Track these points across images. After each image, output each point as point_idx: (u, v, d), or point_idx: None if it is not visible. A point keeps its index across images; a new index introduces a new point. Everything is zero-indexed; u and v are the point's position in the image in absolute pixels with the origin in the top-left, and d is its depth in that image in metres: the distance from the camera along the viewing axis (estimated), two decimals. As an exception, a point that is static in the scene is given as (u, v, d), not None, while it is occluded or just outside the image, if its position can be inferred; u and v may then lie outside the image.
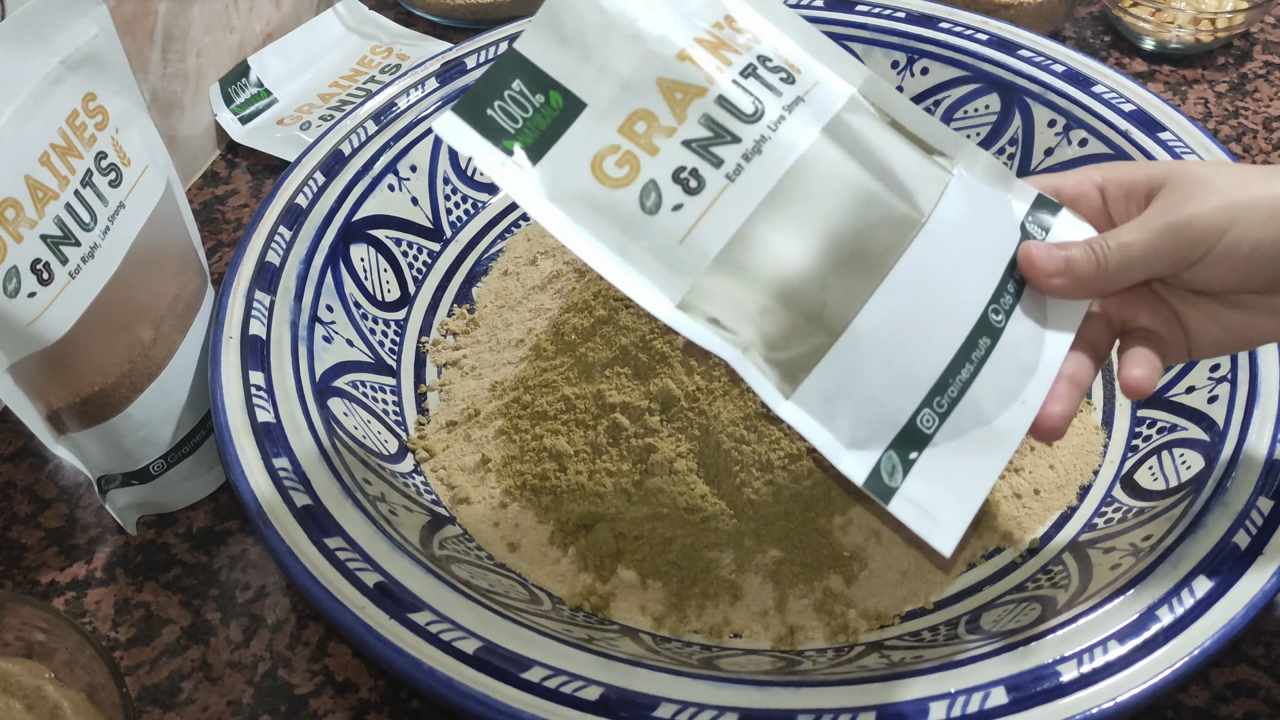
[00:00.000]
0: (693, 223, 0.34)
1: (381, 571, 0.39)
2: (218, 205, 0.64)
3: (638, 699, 0.35)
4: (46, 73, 0.39)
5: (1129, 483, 0.45)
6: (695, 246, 0.33)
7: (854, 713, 0.35)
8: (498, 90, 0.34)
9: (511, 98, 0.34)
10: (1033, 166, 0.58)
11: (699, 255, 0.33)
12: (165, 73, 0.62)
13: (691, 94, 0.35)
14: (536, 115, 0.34)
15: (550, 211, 0.34)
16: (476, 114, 0.34)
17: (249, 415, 0.43)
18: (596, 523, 0.44)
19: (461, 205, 0.59)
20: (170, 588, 0.46)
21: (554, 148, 0.34)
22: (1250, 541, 0.38)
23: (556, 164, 0.34)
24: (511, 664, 0.36)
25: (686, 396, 0.44)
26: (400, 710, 0.42)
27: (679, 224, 0.34)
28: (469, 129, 0.34)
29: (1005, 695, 0.35)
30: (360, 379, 0.49)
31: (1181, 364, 0.44)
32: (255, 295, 0.47)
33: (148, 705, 0.42)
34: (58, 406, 0.42)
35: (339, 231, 0.52)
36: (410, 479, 0.46)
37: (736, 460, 0.43)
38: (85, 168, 0.40)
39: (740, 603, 0.42)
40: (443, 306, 0.55)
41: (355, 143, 0.55)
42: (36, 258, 0.38)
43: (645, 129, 0.34)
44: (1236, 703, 0.41)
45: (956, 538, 0.33)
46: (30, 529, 0.48)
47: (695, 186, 0.34)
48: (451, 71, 0.59)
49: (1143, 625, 0.36)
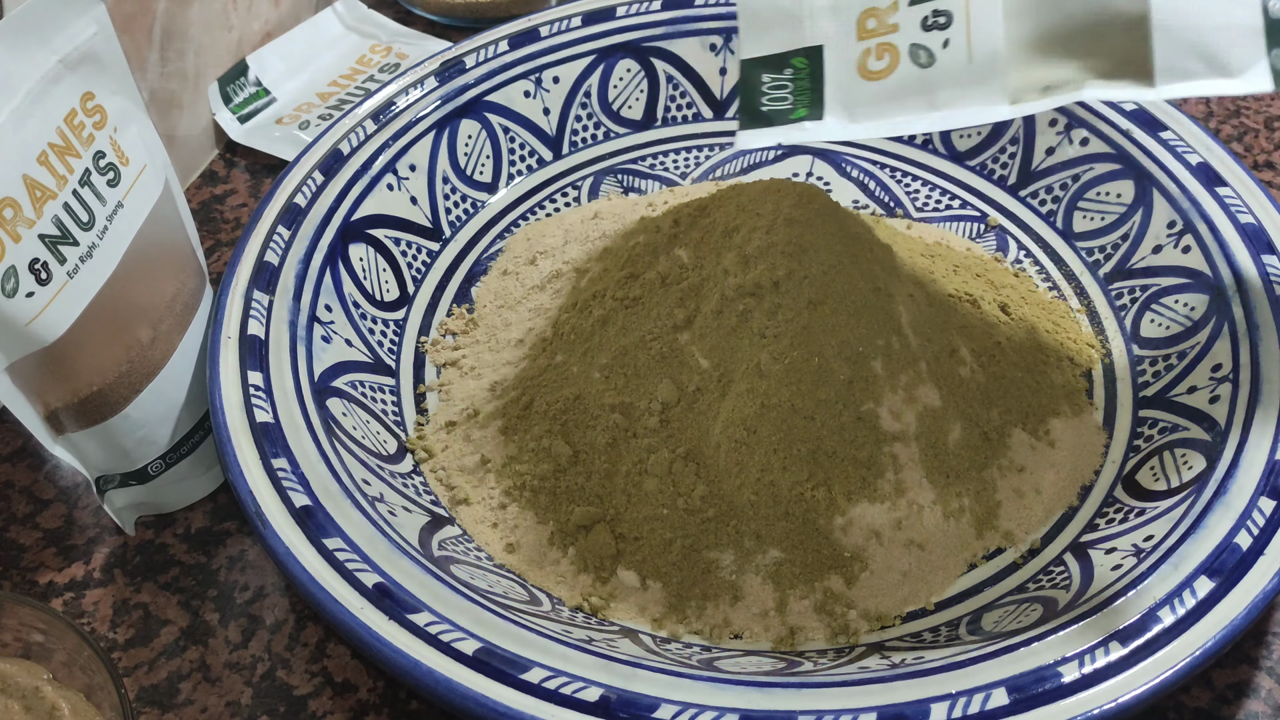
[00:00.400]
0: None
1: (380, 572, 0.39)
2: (216, 205, 0.63)
3: (638, 700, 0.35)
4: (44, 72, 0.39)
5: (1130, 483, 0.45)
6: (996, 63, 0.36)
7: (854, 714, 0.35)
8: (756, 92, 0.39)
9: (771, 88, 0.39)
10: (1034, 166, 0.58)
11: (993, 65, 0.36)
12: (164, 72, 0.62)
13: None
14: (797, 83, 0.38)
15: (867, 127, 0.38)
16: (759, 116, 0.39)
17: (247, 415, 0.43)
18: (596, 523, 0.44)
19: (461, 205, 0.58)
20: (169, 588, 0.46)
21: (826, 90, 0.38)
22: (1252, 542, 0.38)
23: (839, 96, 0.38)
24: (511, 665, 0.36)
25: (686, 396, 0.44)
26: (399, 711, 0.42)
27: (971, 60, 0.37)
28: (764, 130, 0.39)
29: (1006, 696, 0.35)
30: (359, 379, 0.49)
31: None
32: (254, 295, 0.47)
33: (146, 706, 0.42)
34: (56, 406, 0.42)
35: (338, 231, 0.52)
36: (409, 479, 0.46)
37: (737, 461, 0.43)
38: (83, 167, 0.40)
39: (740, 604, 0.42)
40: (442, 306, 0.55)
41: (354, 142, 0.55)
42: (34, 257, 0.38)
43: (875, 24, 0.38)
44: (1238, 704, 0.41)
45: None
46: (28, 529, 0.48)
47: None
48: (451, 70, 0.59)
49: (1144, 626, 0.36)
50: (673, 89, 0.63)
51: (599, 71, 0.62)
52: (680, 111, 0.63)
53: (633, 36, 0.62)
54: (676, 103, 0.63)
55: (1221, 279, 0.48)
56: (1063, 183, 0.57)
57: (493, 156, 0.60)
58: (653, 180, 0.61)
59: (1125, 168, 0.54)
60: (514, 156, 0.61)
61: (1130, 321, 0.51)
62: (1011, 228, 0.57)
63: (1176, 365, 0.48)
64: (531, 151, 0.61)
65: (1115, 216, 0.54)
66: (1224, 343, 0.46)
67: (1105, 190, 0.55)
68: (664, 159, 0.62)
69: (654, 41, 0.62)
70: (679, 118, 0.63)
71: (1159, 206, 0.53)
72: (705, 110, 0.63)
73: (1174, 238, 0.51)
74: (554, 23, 0.62)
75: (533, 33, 0.61)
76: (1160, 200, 0.53)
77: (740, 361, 0.44)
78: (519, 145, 0.61)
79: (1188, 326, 0.49)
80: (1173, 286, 0.50)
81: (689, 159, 0.62)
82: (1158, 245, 0.52)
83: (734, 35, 0.62)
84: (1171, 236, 0.51)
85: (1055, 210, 0.57)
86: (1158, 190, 0.53)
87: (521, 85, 0.60)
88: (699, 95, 0.63)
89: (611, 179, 0.61)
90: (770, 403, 0.43)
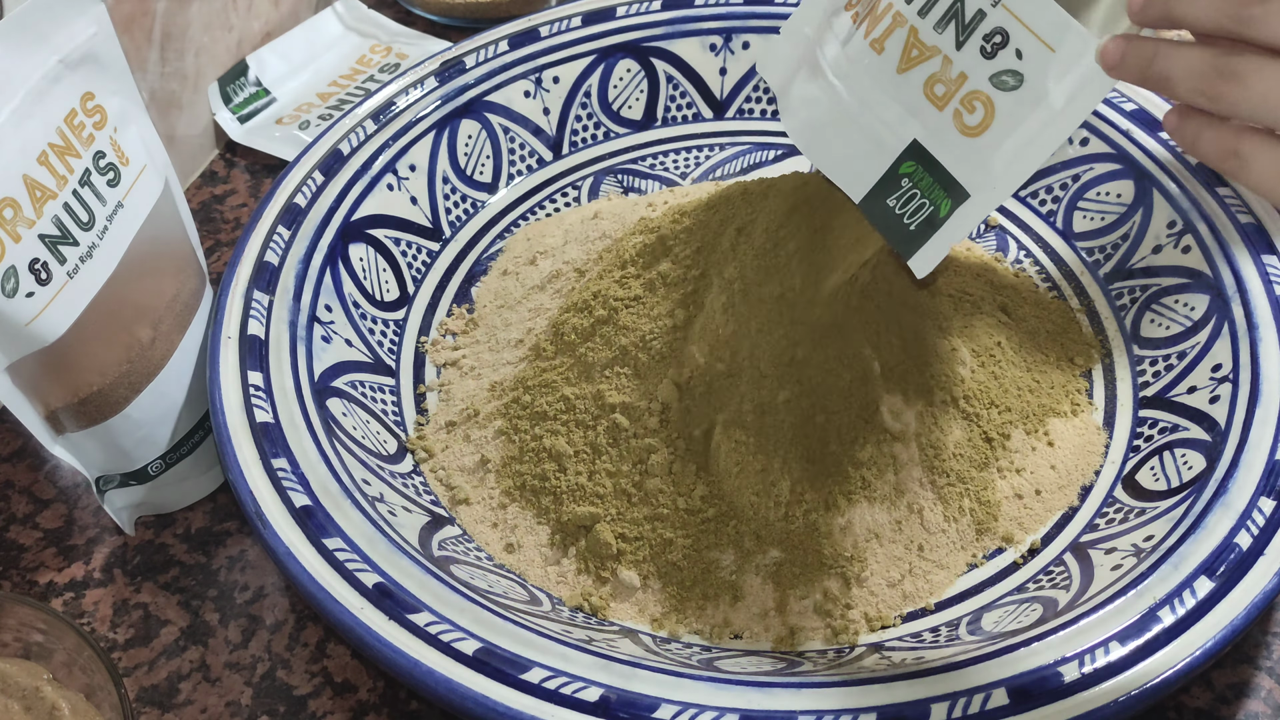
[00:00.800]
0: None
1: (380, 572, 0.39)
2: (216, 205, 0.63)
3: (638, 700, 0.35)
4: (45, 72, 0.39)
5: (1130, 483, 0.45)
6: (1076, 34, 0.34)
7: (855, 714, 0.35)
8: (894, 219, 0.38)
9: (904, 207, 0.37)
10: (1033, 166, 0.58)
11: (1075, 39, 0.34)
12: (164, 72, 0.62)
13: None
14: (921, 185, 0.37)
15: (1014, 171, 0.36)
16: (917, 235, 0.37)
17: (247, 415, 0.43)
18: (596, 524, 0.44)
19: (461, 205, 0.58)
20: (169, 588, 0.46)
21: (951, 171, 0.37)
22: (1252, 542, 0.38)
23: (967, 168, 0.36)
24: (511, 665, 0.36)
25: (686, 396, 0.44)
26: (399, 711, 0.42)
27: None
28: (932, 243, 0.37)
29: (1006, 696, 0.35)
30: (359, 379, 0.49)
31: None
32: (254, 295, 0.47)
33: (146, 706, 0.42)
34: (56, 406, 0.42)
35: (338, 231, 0.52)
36: (409, 479, 0.46)
37: (737, 461, 0.43)
38: (83, 167, 0.40)
39: (740, 604, 0.42)
40: (442, 306, 0.55)
41: (354, 142, 0.55)
42: (34, 257, 0.38)
43: (944, 89, 0.37)
44: (1238, 704, 0.41)
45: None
46: (28, 529, 0.48)
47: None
48: (451, 70, 0.59)
49: (1144, 626, 0.36)
50: (673, 89, 0.63)
51: (599, 71, 0.62)
52: (680, 111, 0.63)
53: (633, 36, 0.62)
54: (676, 103, 0.63)
55: (1221, 279, 0.48)
56: (1063, 183, 0.57)
57: (493, 156, 0.60)
58: (653, 180, 0.61)
59: (1125, 168, 0.54)
60: (514, 156, 0.61)
61: (1130, 321, 0.51)
62: (1011, 228, 0.57)
63: (1176, 365, 0.48)
64: (531, 151, 0.61)
65: (1115, 216, 0.54)
66: (1224, 343, 0.46)
67: (1105, 190, 0.55)
68: (664, 159, 0.62)
69: (654, 41, 0.62)
70: (679, 118, 0.63)
71: (1159, 206, 0.53)
72: (705, 110, 0.63)
73: (1174, 238, 0.51)
74: (554, 23, 0.62)
75: (533, 33, 0.61)
76: (1160, 200, 0.53)
77: (741, 362, 0.44)
78: (519, 145, 0.61)
79: (1188, 326, 0.49)
80: (1173, 286, 0.50)
81: (689, 159, 0.62)
82: (1158, 245, 0.52)
83: (734, 35, 0.62)
84: (1171, 236, 0.51)
85: (1055, 210, 0.57)
86: (1158, 190, 0.53)
87: (521, 85, 0.60)
88: (699, 95, 0.63)
89: (611, 179, 0.61)
90: (770, 403, 0.43)
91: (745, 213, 0.46)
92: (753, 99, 0.63)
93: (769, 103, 0.63)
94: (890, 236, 0.38)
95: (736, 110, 0.63)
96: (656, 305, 0.46)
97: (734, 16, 0.62)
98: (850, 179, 0.39)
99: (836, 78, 0.39)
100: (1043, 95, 0.35)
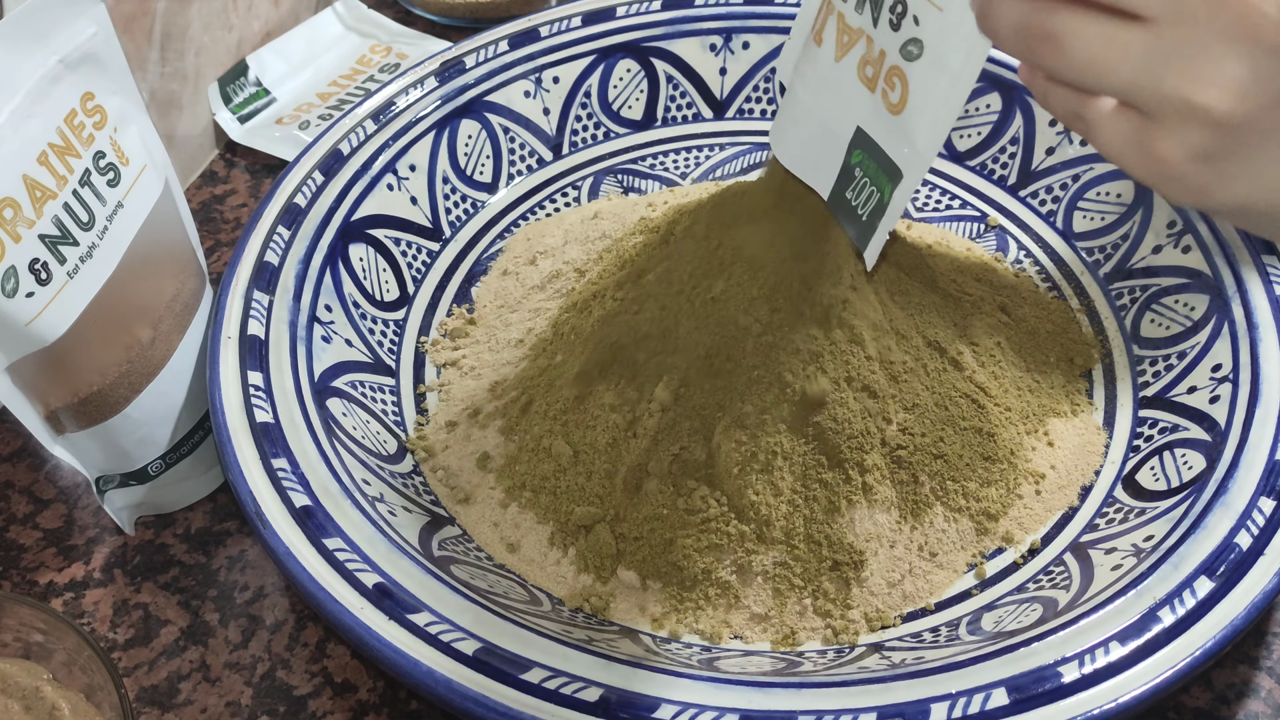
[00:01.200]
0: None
1: (380, 572, 0.39)
2: (216, 205, 0.63)
3: (638, 700, 0.35)
4: (45, 72, 0.39)
5: (1130, 483, 0.45)
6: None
7: (854, 714, 0.35)
8: (852, 212, 0.38)
9: (859, 199, 0.38)
10: (1034, 166, 0.58)
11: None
12: (164, 72, 0.62)
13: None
14: (870, 172, 0.37)
15: (931, 140, 0.35)
16: (868, 224, 0.37)
17: (247, 415, 0.43)
18: (596, 523, 0.44)
19: (461, 205, 0.58)
20: (169, 588, 0.46)
21: (890, 155, 0.37)
22: (1252, 542, 0.38)
23: (899, 147, 0.36)
24: (511, 665, 0.36)
25: (686, 397, 0.44)
26: (399, 711, 0.42)
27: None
28: (878, 232, 0.37)
29: (1006, 696, 0.35)
30: (359, 379, 0.49)
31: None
32: (254, 295, 0.47)
33: (146, 706, 0.42)
34: (56, 406, 0.42)
35: (338, 231, 0.52)
36: (409, 479, 0.46)
37: (737, 461, 0.43)
38: (83, 167, 0.40)
39: (740, 604, 0.42)
40: (442, 306, 0.55)
41: (354, 142, 0.55)
42: (34, 257, 0.38)
43: (872, 71, 0.37)
44: (1238, 704, 0.41)
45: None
46: (28, 529, 0.48)
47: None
48: (451, 70, 0.59)
49: (1144, 626, 0.36)
50: (673, 89, 0.63)
51: (599, 71, 0.62)
52: (680, 111, 0.63)
53: (633, 36, 0.62)
54: (676, 103, 0.63)
55: (1221, 279, 0.48)
56: (1063, 183, 0.57)
57: (493, 156, 0.60)
58: (653, 180, 0.61)
59: (1125, 168, 0.54)
60: (514, 156, 0.61)
61: (1130, 321, 0.51)
62: (1011, 228, 0.57)
63: (1176, 365, 0.48)
64: (531, 151, 0.61)
65: (1115, 216, 0.54)
66: (1224, 343, 0.46)
67: (1105, 190, 0.55)
68: (664, 159, 0.62)
69: (654, 41, 0.62)
70: (679, 118, 0.63)
71: (1159, 206, 0.53)
72: (705, 110, 0.63)
73: (1174, 238, 0.51)
74: (554, 23, 0.62)
75: (533, 33, 0.61)
76: (1160, 200, 0.53)
77: (740, 363, 0.44)
78: (519, 145, 0.61)
79: (1188, 326, 0.49)
80: (1173, 286, 0.50)
81: (689, 159, 0.62)
82: (1158, 245, 0.52)
83: (734, 35, 0.62)
84: (1171, 236, 0.51)
85: (1055, 210, 0.57)
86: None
87: (521, 85, 0.60)
88: (699, 95, 0.63)
89: (611, 179, 0.61)
90: (770, 403, 0.43)
91: (746, 211, 0.46)
92: (753, 99, 0.63)
93: (769, 103, 0.63)
94: (851, 231, 0.38)
95: (736, 110, 0.63)
96: (657, 305, 0.46)
97: (734, 16, 0.62)
98: (818, 177, 0.39)
99: (797, 79, 0.39)
100: (941, 58, 0.34)
